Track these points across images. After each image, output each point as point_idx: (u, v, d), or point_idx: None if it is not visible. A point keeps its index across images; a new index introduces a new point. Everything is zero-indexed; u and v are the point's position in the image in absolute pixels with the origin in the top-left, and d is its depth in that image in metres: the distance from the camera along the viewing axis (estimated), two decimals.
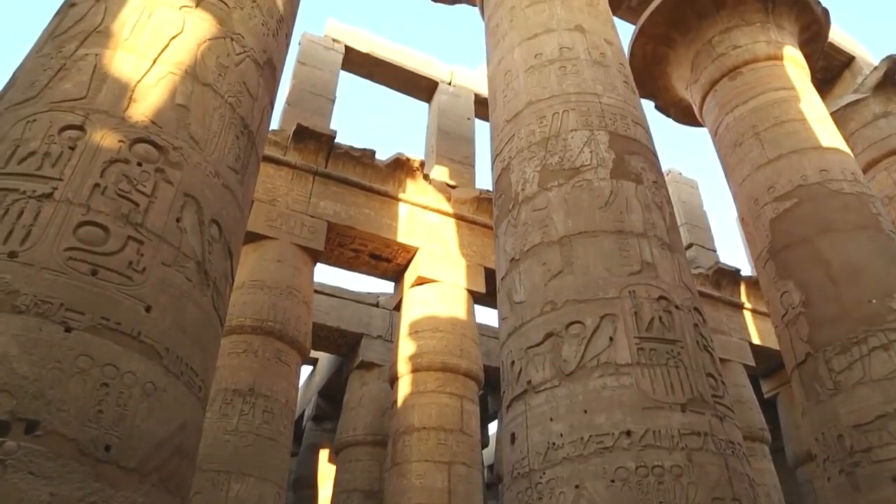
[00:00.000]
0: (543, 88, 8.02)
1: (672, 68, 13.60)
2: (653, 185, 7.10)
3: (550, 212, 6.73)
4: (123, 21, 5.68)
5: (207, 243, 5.00)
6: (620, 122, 7.59)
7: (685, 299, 6.19)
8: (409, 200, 13.41)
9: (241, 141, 5.85)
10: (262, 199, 11.69)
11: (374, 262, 13.36)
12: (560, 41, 8.53)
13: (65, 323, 3.95)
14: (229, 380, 9.63)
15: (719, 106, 12.25)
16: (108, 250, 4.35)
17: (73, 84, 5.13)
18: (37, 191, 4.40)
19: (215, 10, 6.19)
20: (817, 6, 13.30)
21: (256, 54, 6.42)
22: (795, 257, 9.62)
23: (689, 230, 18.91)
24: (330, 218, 12.32)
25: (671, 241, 6.67)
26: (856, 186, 10.02)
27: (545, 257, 6.45)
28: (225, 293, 5.29)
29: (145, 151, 4.91)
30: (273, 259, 11.14)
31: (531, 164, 7.32)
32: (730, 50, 12.41)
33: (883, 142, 14.09)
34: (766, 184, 10.58)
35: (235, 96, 5.90)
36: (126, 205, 4.58)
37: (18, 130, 4.77)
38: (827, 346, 8.58)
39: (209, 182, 5.23)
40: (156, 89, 5.29)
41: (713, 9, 12.74)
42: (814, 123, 11.04)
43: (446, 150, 15.43)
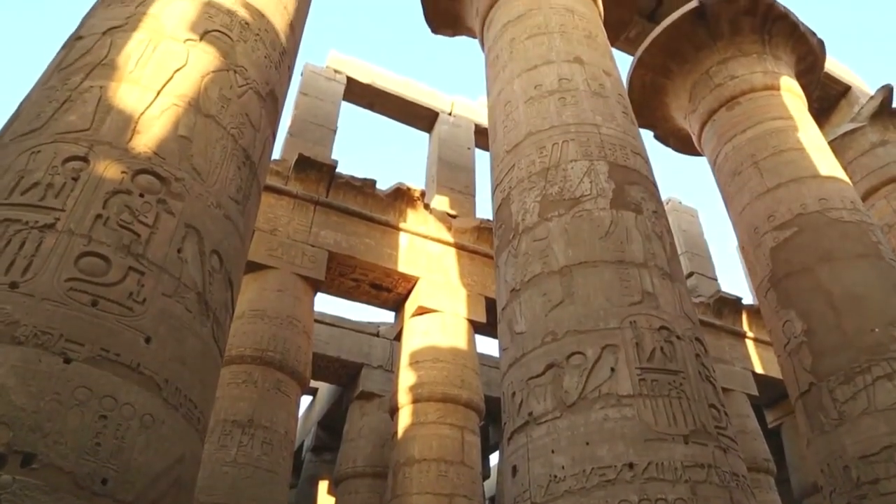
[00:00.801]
0: (543, 119, 8.09)
1: (670, 98, 13.74)
2: (653, 215, 7.12)
3: (551, 242, 6.74)
4: (129, 54, 5.76)
5: (208, 274, 5.00)
6: (620, 153, 7.64)
7: (686, 329, 6.17)
8: (409, 230, 13.44)
9: (243, 172, 5.89)
10: (263, 228, 11.72)
11: (374, 292, 13.34)
12: (559, 72, 8.63)
13: (64, 354, 3.94)
14: (228, 410, 9.54)
15: (718, 135, 12.34)
16: (109, 281, 4.36)
17: (78, 116, 5.18)
18: (39, 221, 4.42)
19: (219, 43, 6.28)
20: (813, 37, 13.48)
21: (259, 86, 6.50)
22: (796, 286, 9.61)
23: (689, 259, 18.91)
24: (331, 247, 12.33)
25: (672, 270, 6.67)
26: (855, 215, 10.04)
27: (546, 287, 6.44)
28: (225, 324, 5.28)
29: (148, 182, 4.95)
30: (274, 288, 11.13)
31: (531, 195, 7.35)
32: (727, 80, 12.55)
33: (881, 170, 14.17)
34: (766, 212, 10.61)
35: (238, 128, 5.96)
36: (128, 235, 4.59)
37: (23, 161, 4.80)
38: (830, 375, 8.53)
39: (211, 213, 5.25)
40: (159, 121, 5.35)
41: (710, 40, 12.92)
42: (812, 152, 11.11)
43: (447, 179, 15.51)
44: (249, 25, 6.75)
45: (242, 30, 6.62)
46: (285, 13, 7.52)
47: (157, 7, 6.31)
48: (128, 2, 6.39)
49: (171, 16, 6.24)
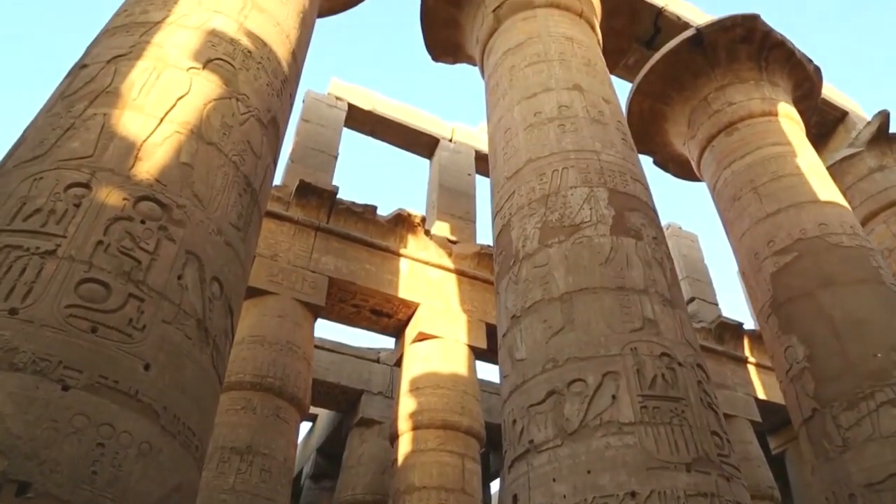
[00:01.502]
0: (543, 146, 8.14)
1: (669, 124, 13.84)
2: (653, 241, 7.13)
3: (551, 268, 6.75)
4: (132, 82, 5.83)
5: (208, 301, 5.00)
6: (619, 179, 7.68)
7: (688, 356, 6.14)
8: (410, 256, 13.44)
9: (244, 198, 5.91)
10: (263, 254, 11.73)
11: (375, 318, 13.30)
12: (559, 100, 8.71)
13: (62, 381, 3.92)
14: (227, 437, 9.46)
15: (717, 161, 12.41)
16: (109, 307, 4.35)
17: (81, 143, 5.22)
18: (40, 247, 4.43)
19: (222, 71, 6.35)
20: (809, 64, 13.62)
21: (261, 114, 6.56)
22: (798, 311, 9.58)
23: (690, 284, 18.88)
24: (331, 273, 12.33)
25: (672, 297, 6.66)
26: (855, 240, 10.05)
27: (546, 314, 6.43)
28: (224, 350, 5.26)
29: (149, 209, 4.97)
30: (274, 314, 11.10)
31: (531, 221, 7.38)
32: (725, 106, 12.65)
33: (880, 195, 14.23)
34: (766, 238, 10.62)
35: (239, 155, 6.00)
36: (128, 262, 4.60)
37: (25, 188, 4.83)
38: (833, 401, 8.46)
39: (211, 239, 5.27)
40: (161, 148, 5.39)
41: (707, 67, 13.06)
42: (811, 177, 11.16)
43: (447, 205, 15.56)
44: (252, 54, 6.83)
45: (245, 58, 6.70)
46: (287, 42, 7.61)
47: (160, 36, 6.39)
48: (132, 31, 6.47)
49: (175, 44, 6.32)
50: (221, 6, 7.01)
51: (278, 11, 7.64)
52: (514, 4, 10.85)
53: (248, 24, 7.04)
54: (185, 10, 6.77)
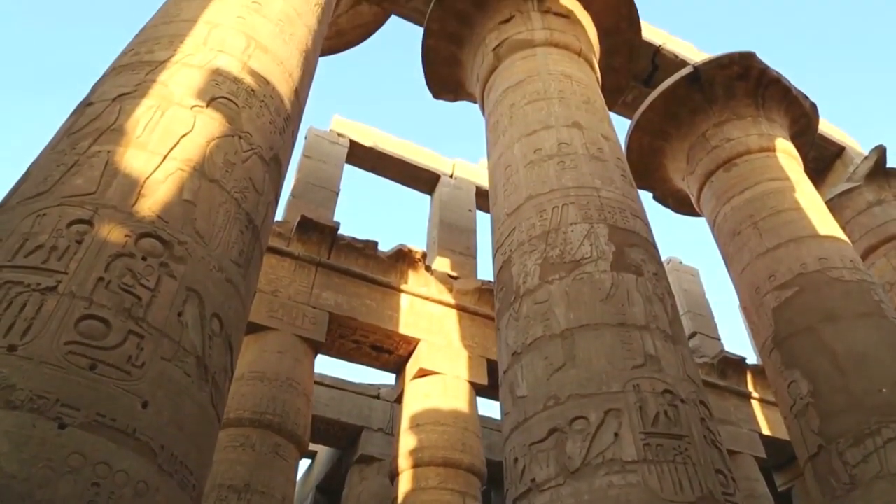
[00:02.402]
0: (543, 183, 8.20)
1: (668, 160, 13.96)
2: (653, 277, 7.13)
3: (552, 305, 6.73)
4: (137, 119, 5.89)
5: (208, 338, 4.98)
6: (619, 215, 7.72)
7: (690, 392, 6.09)
8: (410, 291, 13.43)
9: (246, 235, 5.93)
10: (264, 289, 11.72)
11: (375, 354, 13.23)
12: (559, 137, 8.80)
13: (59, 419, 3.88)
14: (225, 475, 9.32)
15: (716, 196, 12.49)
16: (108, 344, 4.33)
17: (85, 179, 5.26)
18: (41, 284, 4.43)
19: (225, 109, 6.44)
20: (805, 101, 13.80)
21: (263, 151, 6.62)
22: (800, 346, 9.54)
23: (691, 318, 18.80)
24: (332, 309, 12.30)
25: (674, 332, 6.64)
26: (856, 274, 10.05)
27: (547, 351, 6.40)
28: (224, 388, 5.23)
29: (151, 246, 4.98)
30: (274, 350, 11.05)
31: (532, 258, 7.39)
32: (723, 142, 12.78)
33: (879, 228, 14.27)
34: (767, 272, 10.63)
35: (241, 192, 6.04)
36: (129, 299, 4.59)
37: (28, 224, 4.85)
38: (839, 437, 8.36)
39: (212, 276, 5.27)
40: (164, 185, 5.42)
41: (705, 104, 13.22)
42: (810, 212, 11.21)
43: (448, 241, 15.59)
44: (255, 92, 6.93)
45: (248, 96, 6.79)
46: (290, 80, 7.72)
47: (166, 75, 6.49)
48: (138, 69, 6.57)
49: (180, 83, 6.41)
50: (226, 46, 7.13)
51: (281, 51, 7.77)
52: (514, 43, 11.04)
53: (252, 64, 7.16)
54: (190, 50, 6.89)
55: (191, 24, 7.30)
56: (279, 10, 8.17)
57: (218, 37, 7.20)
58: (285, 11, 8.26)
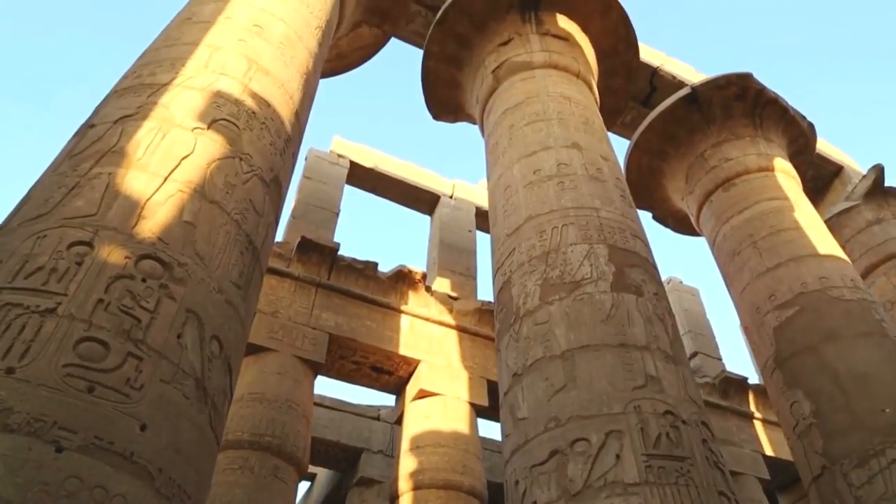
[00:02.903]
0: (543, 203, 8.22)
1: (667, 180, 14.01)
2: (654, 297, 7.12)
3: (552, 326, 6.72)
4: (138, 141, 5.92)
5: (207, 360, 4.96)
6: (619, 236, 7.73)
7: (692, 413, 6.06)
8: (410, 312, 13.40)
9: (246, 257, 5.94)
10: (264, 310, 11.70)
11: (375, 375, 13.17)
12: (558, 158, 8.84)
13: (56, 442, 3.85)
14: (223, 498, 9.23)
15: (715, 216, 12.52)
16: (107, 367, 4.31)
17: (86, 201, 5.27)
18: (41, 306, 4.42)
19: (226, 131, 6.47)
20: (803, 121, 13.89)
21: (263, 173, 6.64)
22: (802, 366, 9.50)
23: (692, 338, 18.74)
24: (332, 330, 12.26)
25: (675, 353, 6.61)
26: (856, 293, 10.05)
27: (548, 372, 6.37)
28: (223, 410, 5.19)
29: (150, 267, 4.98)
30: (273, 371, 10.99)
31: (532, 278, 7.38)
32: (722, 162, 12.84)
33: (879, 247, 14.28)
34: (767, 292, 10.62)
35: (241, 213, 6.05)
36: (128, 320, 4.58)
37: (28, 246, 4.85)
38: (843, 458, 8.30)
39: (212, 298, 5.26)
40: (164, 206, 5.44)
41: (703, 124, 13.30)
42: (809, 231, 11.23)
43: (448, 262, 15.59)
44: (256, 114, 6.97)
45: (249, 118, 6.83)
46: (291, 102, 7.77)
47: (167, 97, 6.53)
48: (140, 92, 6.62)
49: (181, 105, 6.46)
50: (227, 68, 7.19)
51: (282, 73, 7.83)
52: (513, 65, 11.14)
53: (253, 86, 7.21)
54: (191, 73, 6.94)
55: (193, 47, 7.37)
56: (280, 34, 8.25)
57: (219, 60, 7.26)
58: (286, 34, 8.34)
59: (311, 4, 9.25)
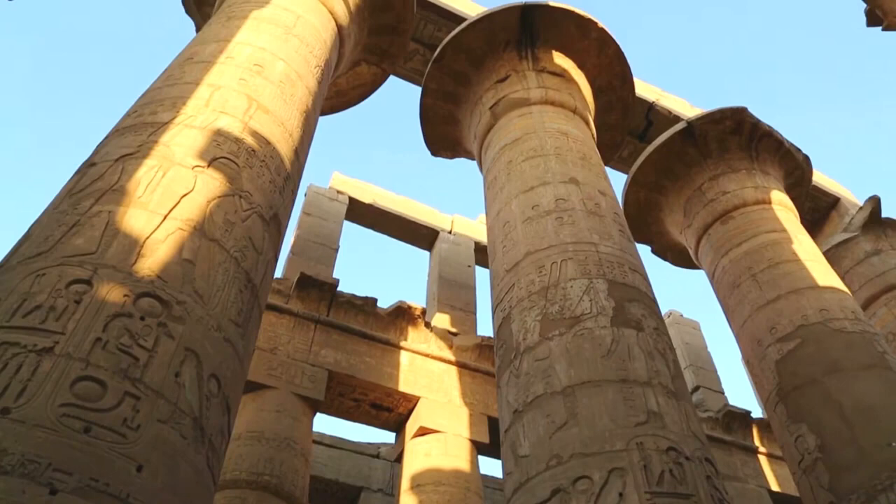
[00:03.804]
0: (541, 239, 8.24)
1: (665, 214, 14.07)
2: (654, 332, 7.09)
3: (552, 362, 6.68)
4: (138, 180, 5.96)
5: (205, 398, 4.91)
6: (618, 270, 7.73)
7: (695, 449, 5.98)
8: (410, 348, 13.33)
9: (245, 294, 5.92)
10: (263, 347, 11.63)
11: (374, 412, 13.03)
12: (556, 193, 8.89)
13: (51, 484, 3.79)
14: None
15: (714, 249, 12.54)
16: (104, 406, 4.27)
17: (85, 239, 5.28)
18: (38, 345, 4.39)
19: (226, 169, 6.51)
20: (798, 153, 14.01)
21: (263, 210, 6.67)
22: (806, 399, 9.42)
23: (694, 372, 18.59)
24: (331, 367, 12.18)
25: (676, 388, 6.56)
26: (858, 325, 10.01)
27: (549, 409, 6.31)
28: (220, 450, 5.13)
29: (149, 306, 4.96)
30: (272, 409, 10.88)
31: (532, 314, 7.36)
32: (719, 196, 12.91)
33: (879, 278, 14.29)
34: (768, 325, 10.59)
35: (241, 251, 6.05)
36: (126, 359, 4.55)
37: (27, 284, 4.84)
38: (850, 493, 8.18)
39: (210, 336, 5.24)
40: (164, 244, 5.44)
41: (700, 158, 13.42)
42: (808, 263, 11.24)
43: (447, 297, 15.55)
44: (256, 152, 7.02)
45: (249, 156, 6.88)
46: (290, 140, 7.85)
47: (168, 136, 6.59)
48: (141, 131, 6.68)
49: (181, 144, 6.51)
50: (227, 107, 7.27)
51: (282, 111, 7.92)
52: (511, 102, 11.28)
53: (253, 124, 7.29)
54: (192, 111, 7.02)
55: (194, 86, 7.46)
56: (280, 72, 8.37)
57: (220, 98, 7.35)
58: (286, 73, 8.46)
59: (310, 44, 9.40)
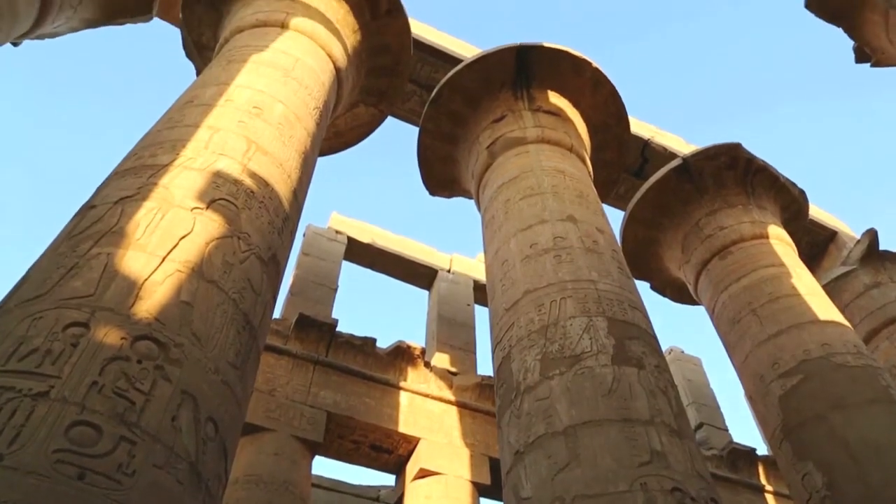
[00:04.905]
0: (540, 277, 8.23)
1: (663, 250, 14.10)
2: (655, 370, 7.03)
3: (553, 401, 6.60)
4: (138, 222, 5.97)
5: (202, 443, 4.84)
6: (618, 308, 7.70)
7: (701, 489, 5.87)
8: (410, 389, 13.21)
9: (243, 336, 5.89)
10: (261, 389, 11.52)
11: (374, 454, 12.84)
12: (554, 231, 8.91)
13: None
14: None
15: (713, 285, 12.53)
16: (99, 452, 4.20)
17: (83, 282, 5.26)
18: (33, 389, 4.34)
19: (225, 211, 6.54)
20: (794, 188, 14.11)
21: (262, 251, 6.67)
22: (811, 436, 9.31)
23: (697, 409, 18.39)
24: (330, 408, 12.04)
25: (679, 427, 6.47)
26: (860, 359, 9.95)
27: (551, 449, 6.21)
28: (218, 495, 5.03)
29: (147, 348, 4.93)
30: (270, 452, 10.73)
31: (532, 353, 7.31)
32: (717, 231, 12.96)
33: (879, 311, 14.25)
34: (770, 360, 10.52)
35: (239, 292, 6.04)
36: (122, 403, 4.49)
37: (24, 327, 4.81)
38: None
39: (208, 379, 5.18)
40: (162, 286, 5.43)
41: (696, 194, 13.50)
42: (808, 297, 11.22)
43: (447, 336, 15.47)
44: (254, 194, 7.06)
45: (248, 198, 6.92)
46: (289, 181, 7.90)
47: (167, 178, 6.63)
48: (140, 173, 6.72)
49: (181, 186, 6.55)
50: (227, 149, 7.33)
51: (281, 153, 7.99)
52: (507, 141, 11.40)
53: (252, 166, 7.34)
54: (191, 154, 7.08)
55: (193, 129, 7.54)
56: (279, 114, 8.46)
57: (219, 140, 7.41)
58: (285, 115, 8.56)
59: (309, 86, 9.54)
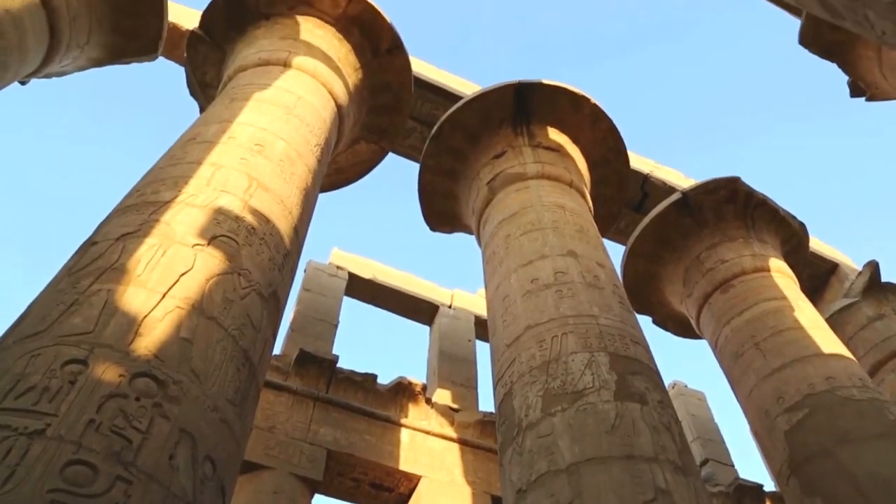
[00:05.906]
0: (541, 312, 8.19)
1: (665, 284, 14.07)
2: (658, 405, 6.95)
3: (556, 438, 6.51)
4: (138, 258, 5.97)
5: (199, 482, 4.77)
6: (619, 343, 7.65)
7: None
8: (411, 425, 13.06)
9: (242, 373, 5.84)
10: (260, 425, 11.39)
11: (375, 493, 12.63)
12: (554, 266, 8.91)
13: None
14: None
15: (715, 318, 12.47)
16: (94, 492, 4.13)
17: (83, 318, 5.24)
18: (29, 427, 4.29)
19: (225, 247, 6.55)
20: (794, 221, 14.15)
21: (262, 288, 6.66)
22: (818, 471, 9.16)
23: (702, 445, 18.13)
24: (330, 445, 11.89)
25: (684, 463, 6.38)
26: (866, 392, 9.85)
27: (553, 488, 6.11)
28: None
29: (145, 386, 4.89)
30: (269, 491, 10.56)
31: (533, 389, 7.24)
32: (718, 264, 12.96)
33: (884, 343, 14.17)
34: (774, 394, 10.41)
35: (239, 329, 6.01)
36: (119, 442, 4.44)
37: (22, 364, 4.78)
38: None
39: (207, 416, 5.13)
40: (162, 323, 5.41)
41: (696, 228, 13.53)
42: (811, 330, 11.16)
43: (448, 372, 15.35)
44: (255, 230, 7.08)
45: (248, 234, 6.94)
46: (290, 217, 7.93)
47: (169, 214, 6.66)
48: (142, 210, 6.76)
49: (182, 222, 6.57)
50: (228, 186, 7.38)
51: (282, 190, 8.04)
52: (508, 177, 11.47)
53: (253, 203, 7.38)
54: (193, 190, 7.12)
55: (196, 165, 7.60)
56: (281, 151, 8.54)
57: (221, 177, 7.46)
58: (286, 152, 8.64)
59: (310, 123, 9.64)
